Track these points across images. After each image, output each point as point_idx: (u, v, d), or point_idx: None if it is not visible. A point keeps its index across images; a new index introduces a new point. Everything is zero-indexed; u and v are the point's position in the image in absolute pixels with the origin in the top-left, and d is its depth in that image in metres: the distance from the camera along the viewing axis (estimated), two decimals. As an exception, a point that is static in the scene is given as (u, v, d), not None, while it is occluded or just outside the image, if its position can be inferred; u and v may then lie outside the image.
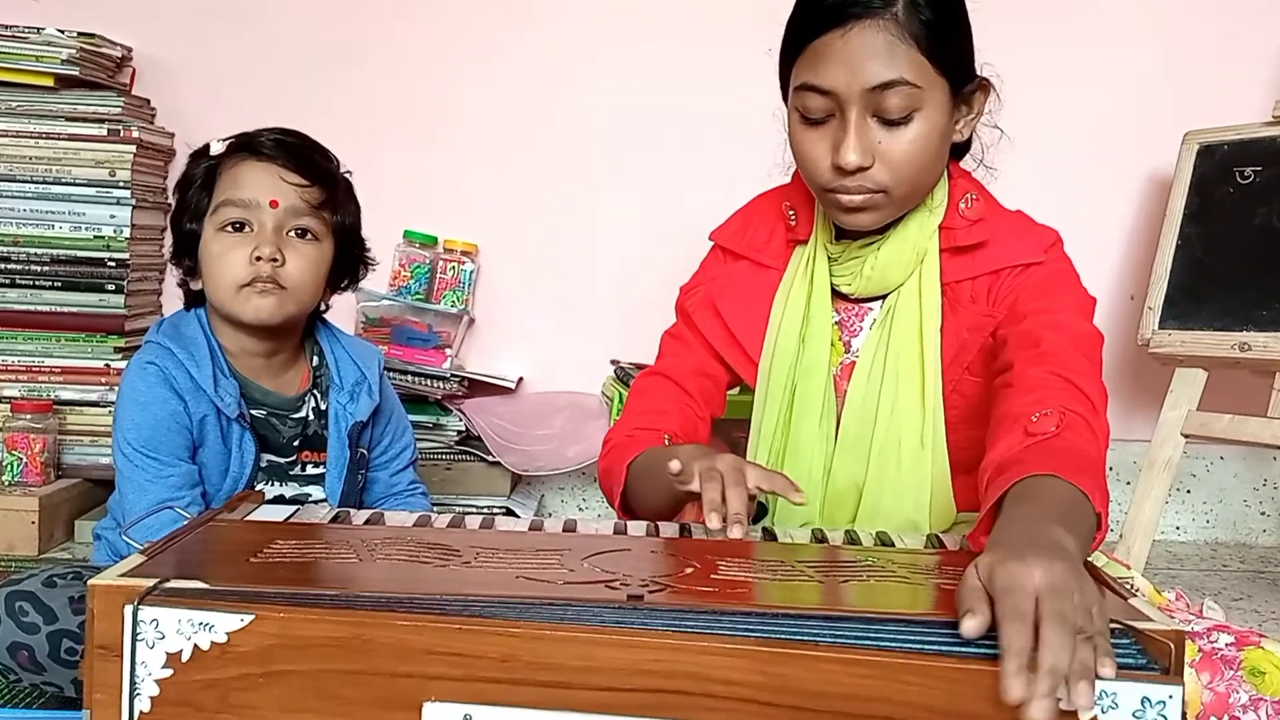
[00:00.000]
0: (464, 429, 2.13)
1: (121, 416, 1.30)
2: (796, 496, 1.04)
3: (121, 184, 2.06)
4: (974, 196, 1.20)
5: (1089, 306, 1.18)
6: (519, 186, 2.29)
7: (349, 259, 1.41)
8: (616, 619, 0.75)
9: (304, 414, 1.40)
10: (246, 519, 1.02)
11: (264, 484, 1.37)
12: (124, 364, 1.98)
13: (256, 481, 1.35)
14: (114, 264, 2.06)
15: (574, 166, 2.29)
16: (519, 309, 2.31)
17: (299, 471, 1.40)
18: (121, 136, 2.07)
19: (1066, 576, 0.72)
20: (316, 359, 1.43)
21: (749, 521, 1.02)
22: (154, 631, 0.73)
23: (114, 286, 2.06)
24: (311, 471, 1.40)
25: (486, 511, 2.07)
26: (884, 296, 1.22)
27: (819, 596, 0.84)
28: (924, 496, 1.18)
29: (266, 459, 1.37)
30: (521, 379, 2.30)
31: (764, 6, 1.21)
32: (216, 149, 1.34)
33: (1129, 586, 0.85)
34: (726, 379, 1.32)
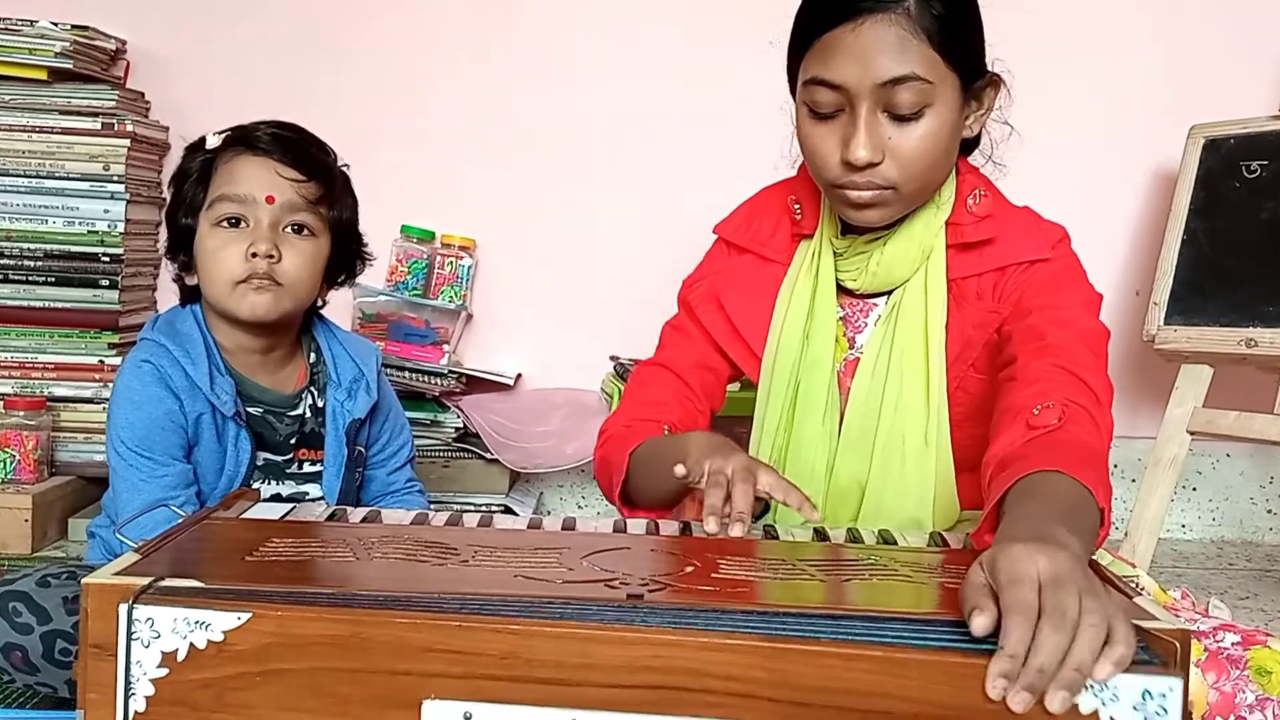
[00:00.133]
0: (462, 426, 2.12)
1: (116, 415, 1.30)
2: (814, 515, 1.03)
3: (116, 178, 2.05)
4: (982, 192, 1.19)
5: (1095, 302, 1.17)
6: (517, 181, 2.28)
7: (346, 254, 1.40)
8: (616, 618, 0.74)
9: (301, 411, 1.38)
10: (241, 517, 1.01)
11: (260, 482, 1.36)
12: (118, 360, 1.97)
13: (253, 480, 1.35)
14: (108, 259, 2.05)
15: (572, 159, 2.28)
16: (517, 305, 2.30)
17: (296, 469, 1.39)
18: (116, 130, 2.05)
19: (1071, 567, 0.72)
20: (314, 355, 1.42)
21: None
22: (149, 630, 0.73)
23: (108, 282, 2.05)
24: (309, 469, 1.39)
25: (485, 509, 2.06)
26: (889, 292, 1.21)
27: (821, 595, 0.84)
28: (927, 494, 1.17)
29: (263, 457, 1.36)
30: (520, 375, 2.29)
31: (766, 4, 1.20)
32: (212, 142, 1.33)
33: (1134, 585, 0.84)
34: (728, 373, 1.30)
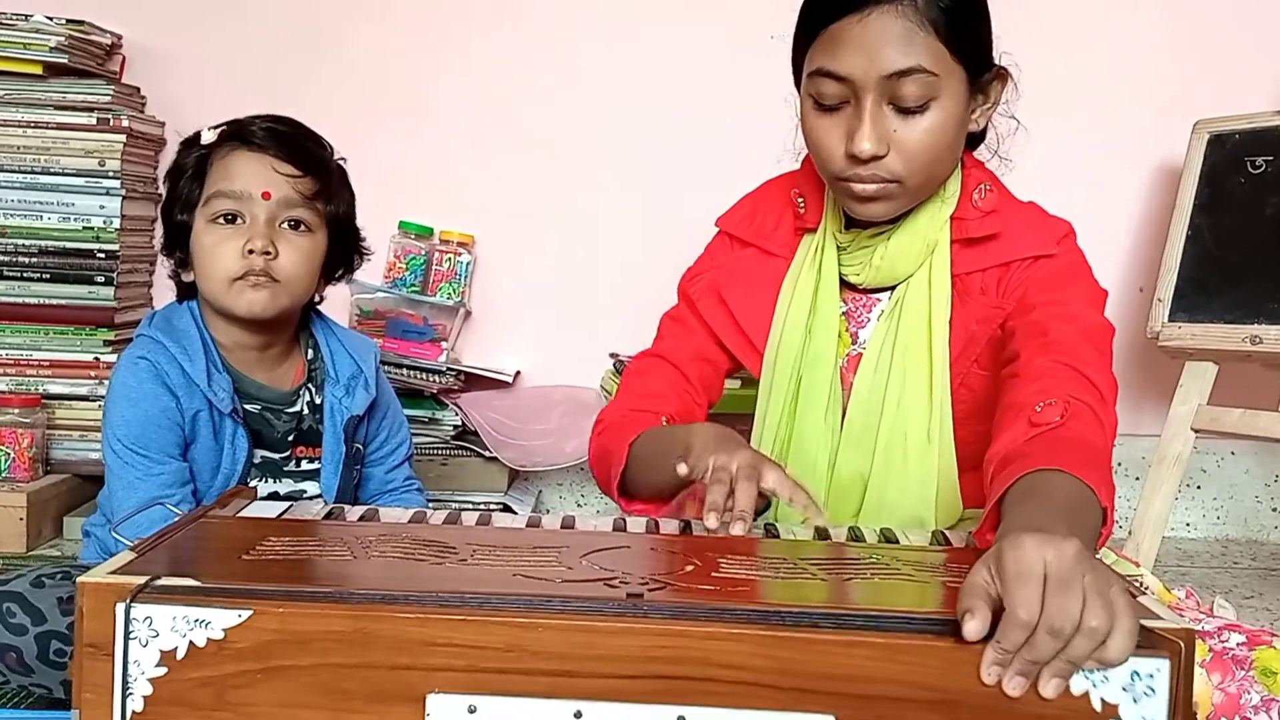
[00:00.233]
0: (460, 423, 2.12)
1: (112, 412, 1.29)
2: (819, 517, 1.02)
3: (111, 174, 2.04)
4: (988, 187, 1.19)
5: (1100, 299, 1.16)
6: (516, 177, 2.27)
7: (343, 250, 1.39)
8: (618, 614, 0.74)
9: (298, 408, 1.38)
10: (238, 515, 1.00)
11: (257, 480, 1.35)
12: (114, 357, 1.96)
13: (250, 478, 1.34)
14: (103, 255, 2.04)
15: (571, 154, 2.27)
16: (516, 301, 2.29)
17: (293, 467, 1.38)
18: (111, 125, 2.04)
19: (1078, 562, 0.71)
20: (311, 352, 1.41)
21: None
22: (147, 629, 0.73)
23: (103, 278, 2.04)
24: (306, 467, 1.39)
25: (483, 508, 2.05)
26: (893, 287, 1.20)
27: (823, 594, 0.83)
28: (930, 491, 1.17)
29: (260, 455, 1.35)
30: (519, 373, 2.28)
31: (767, 6, 1.19)
32: (207, 137, 1.32)
33: (1138, 584, 0.84)
34: (727, 366, 1.29)
